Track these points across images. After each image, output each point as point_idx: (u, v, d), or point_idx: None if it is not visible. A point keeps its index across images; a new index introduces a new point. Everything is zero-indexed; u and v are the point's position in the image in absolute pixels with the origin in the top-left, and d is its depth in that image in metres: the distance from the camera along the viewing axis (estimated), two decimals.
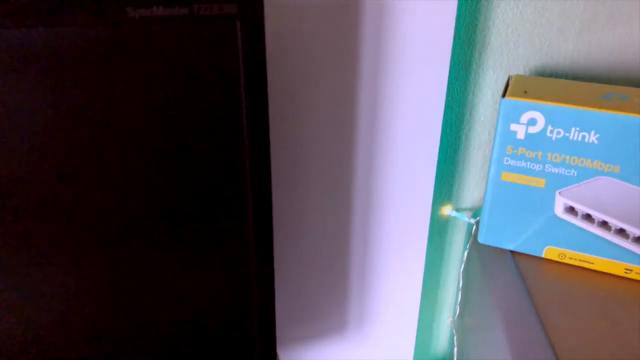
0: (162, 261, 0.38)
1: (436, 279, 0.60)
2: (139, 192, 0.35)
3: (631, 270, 0.44)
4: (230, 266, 0.40)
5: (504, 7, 0.48)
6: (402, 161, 0.50)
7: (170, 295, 0.39)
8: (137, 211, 0.36)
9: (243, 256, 0.40)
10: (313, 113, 0.47)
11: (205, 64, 0.33)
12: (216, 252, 0.39)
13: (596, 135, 0.41)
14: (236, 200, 0.38)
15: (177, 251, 0.38)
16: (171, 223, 0.37)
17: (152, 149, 0.35)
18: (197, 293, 0.40)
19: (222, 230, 0.38)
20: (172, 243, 0.38)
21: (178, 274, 0.39)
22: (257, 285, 0.41)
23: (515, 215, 0.46)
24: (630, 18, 0.49)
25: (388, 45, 0.45)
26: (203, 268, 0.39)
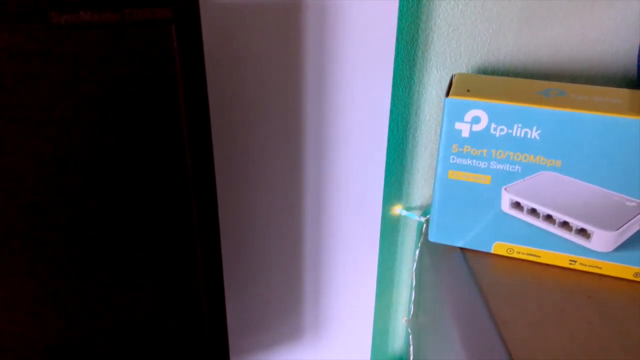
0: (107, 274, 0.36)
1: (390, 279, 0.61)
2: (77, 206, 0.33)
3: (575, 261, 0.45)
4: (178, 277, 0.38)
5: (445, 7, 0.48)
6: (350, 163, 0.50)
7: (117, 309, 0.37)
8: (78, 224, 0.34)
9: (190, 266, 0.38)
10: (257, 116, 0.46)
11: (140, 71, 0.32)
12: (162, 264, 0.37)
13: (538, 131, 0.42)
14: (179, 209, 0.36)
15: (121, 263, 0.36)
16: (112, 234, 0.35)
17: (89, 163, 0.33)
18: (145, 306, 0.38)
19: (167, 240, 0.37)
20: (116, 255, 0.36)
21: (123, 286, 0.37)
22: (207, 295, 0.40)
23: (463, 213, 0.47)
24: (565, 16, 0.50)
25: (331, 47, 0.44)
26: (149, 281, 0.38)
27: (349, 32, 0.44)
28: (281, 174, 0.49)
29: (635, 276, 0.44)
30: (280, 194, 0.49)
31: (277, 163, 0.48)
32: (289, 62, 0.44)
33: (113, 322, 0.38)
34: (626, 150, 0.40)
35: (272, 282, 0.53)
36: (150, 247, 0.37)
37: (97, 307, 0.37)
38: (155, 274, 0.38)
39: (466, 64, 0.51)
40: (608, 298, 0.43)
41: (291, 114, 0.46)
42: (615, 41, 0.52)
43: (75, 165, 0.33)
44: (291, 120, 0.47)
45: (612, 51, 0.52)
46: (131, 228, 0.36)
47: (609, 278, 0.45)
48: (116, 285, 0.37)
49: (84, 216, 0.34)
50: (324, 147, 0.48)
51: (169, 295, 0.39)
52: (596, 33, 0.51)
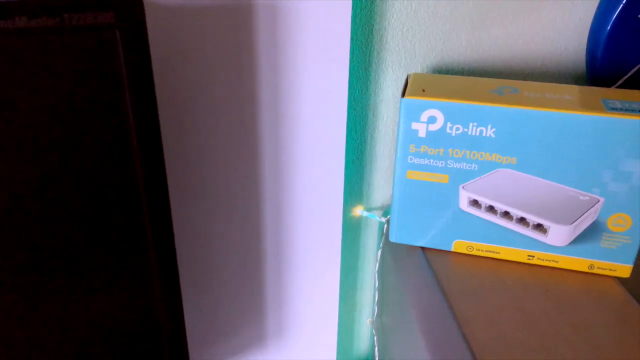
0: (60, 287, 0.35)
1: (353, 281, 0.60)
2: (28, 217, 0.32)
3: (533, 256, 0.46)
4: (132, 289, 0.37)
5: (399, 7, 0.48)
6: (309, 166, 0.49)
7: (71, 323, 0.36)
8: (30, 235, 0.32)
9: (144, 277, 0.37)
10: (210, 120, 0.45)
11: (83, 78, 0.31)
12: (115, 276, 0.36)
13: (492, 129, 0.42)
14: (132, 218, 0.35)
15: (74, 277, 0.35)
16: (62, 245, 0.34)
17: (33, 173, 0.31)
18: (100, 319, 0.37)
19: (120, 251, 0.36)
20: (69, 268, 0.34)
21: (78, 300, 0.35)
22: (164, 306, 0.39)
23: (423, 212, 0.47)
24: (516, 15, 0.51)
25: (285, 49, 0.44)
26: (103, 293, 0.36)
27: (302, 32, 0.44)
28: (237, 179, 0.48)
29: (590, 268, 0.45)
30: (237, 199, 0.49)
31: (232, 168, 0.47)
32: (241, 64, 0.43)
33: (67, 338, 0.36)
34: (578, 145, 0.41)
35: (232, 289, 0.52)
36: (100, 257, 0.35)
37: (50, 320, 0.35)
38: (109, 286, 0.36)
39: (421, 63, 0.51)
40: (565, 291, 0.43)
41: (245, 117, 0.45)
42: (565, 38, 0.53)
43: (19, 175, 0.31)
44: (246, 123, 0.46)
45: (562, 48, 0.53)
46: (82, 237, 0.34)
47: (566, 271, 0.46)
48: (70, 300, 0.35)
49: (37, 226, 0.32)
50: (280, 150, 0.48)
51: (124, 307, 0.37)
52: (546, 31, 0.52)
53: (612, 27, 0.49)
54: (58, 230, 0.33)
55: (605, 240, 0.44)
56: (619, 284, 0.45)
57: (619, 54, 0.50)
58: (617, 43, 0.49)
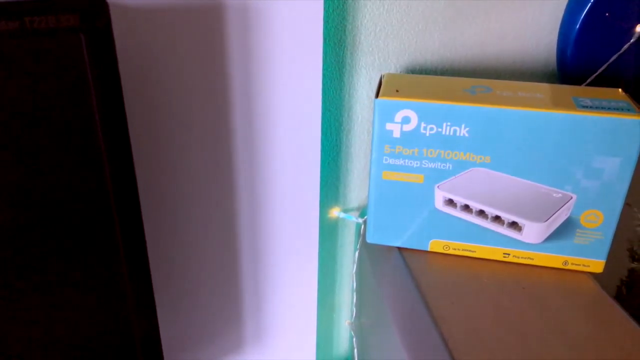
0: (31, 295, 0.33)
1: (331, 283, 0.60)
2: None
3: (509, 254, 0.46)
4: (104, 297, 0.36)
5: (371, 7, 0.48)
6: (284, 168, 0.49)
7: (45, 333, 0.35)
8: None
9: (116, 285, 0.36)
10: (182, 123, 0.44)
11: (48, 83, 0.30)
12: (86, 284, 0.35)
13: (466, 128, 0.42)
14: (101, 223, 0.34)
15: (45, 287, 0.34)
16: (33, 257, 0.33)
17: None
18: (73, 329, 0.36)
19: (90, 258, 0.35)
20: (39, 278, 0.33)
21: (50, 310, 0.34)
22: (137, 313, 0.38)
23: (399, 213, 0.47)
24: (487, 13, 0.51)
25: (257, 50, 0.43)
26: (75, 302, 0.35)
27: (274, 33, 0.43)
28: (211, 182, 0.47)
29: (564, 265, 0.46)
30: (211, 202, 0.48)
31: (205, 172, 0.46)
32: (213, 66, 0.43)
33: (39, 347, 0.35)
34: (550, 143, 0.41)
35: (209, 294, 0.52)
36: (70, 265, 0.34)
37: (23, 330, 0.34)
38: (80, 294, 0.35)
39: (395, 63, 0.51)
40: (541, 288, 0.44)
41: (218, 120, 0.45)
42: (536, 37, 0.53)
43: None
44: (218, 127, 0.45)
45: (533, 46, 0.54)
46: (51, 245, 0.33)
47: (541, 268, 0.46)
48: (42, 309, 0.34)
49: (3, 236, 0.31)
50: (255, 153, 0.47)
51: (96, 316, 0.36)
52: (517, 30, 0.53)
53: (581, 25, 0.50)
54: (26, 239, 0.32)
55: (579, 237, 0.45)
56: (592, 280, 0.45)
57: (589, 51, 0.51)
58: (587, 41, 0.50)
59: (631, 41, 0.50)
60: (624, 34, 0.50)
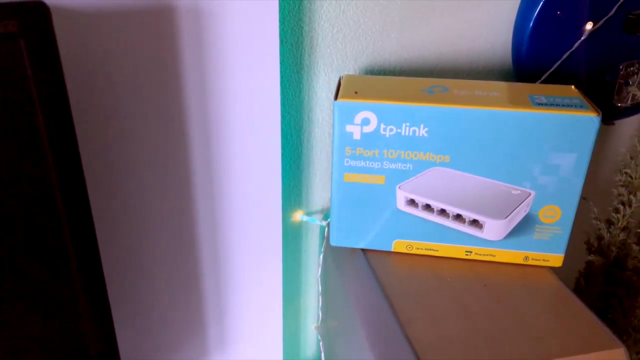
0: None
1: (296, 287, 0.59)
2: None
3: (471, 252, 0.47)
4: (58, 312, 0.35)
5: (327, 8, 0.48)
6: (244, 173, 0.48)
7: None
8: None
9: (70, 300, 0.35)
10: (136, 131, 0.43)
11: None
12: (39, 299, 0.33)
13: (425, 128, 0.42)
14: (53, 239, 0.33)
15: None
16: None
17: None
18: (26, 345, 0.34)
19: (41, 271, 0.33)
20: None
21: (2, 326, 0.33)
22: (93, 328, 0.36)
23: (362, 214, 0.46)
24: (443, 13, 0.51)
25: (211, 54, 0.42)
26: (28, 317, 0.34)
27: (228, 36, 0.42)
28: (167, 191, 0.46)
29: (525, 260, 0.46)
30: (168, 211, 0.47)
31: (160, 181, 0.45)
32: (165, 70, 0.41)
33: None
34: (507, 141, 0.42)
35: (169, 304, 0.50)
36: (22, 282, 0.33)
37: None
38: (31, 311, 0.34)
39: (353, 64, 0.51)
40: (503, 284, 0.44)
41: (173, 127, 0.44)
42: (491, 36, 0.54)
43: None
44: (174, 134, 0.44)
45: (489, 45, 0.54)
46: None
47: (503, 264, 0.47)
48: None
49: None
50: (212, 160, 0.46)
51: (49, 333, 0.35)
52: (473, 29, 0.53)
53: (534, 24, 0.50)
54: None
55: (538, 232, 0.45)
56: (552, 274, 0.46)
57: (543, 49, 0.51)
58: (540, 39, 0.51)
59: (582, 38, 0.51)
60: (575, 32, 0.51)
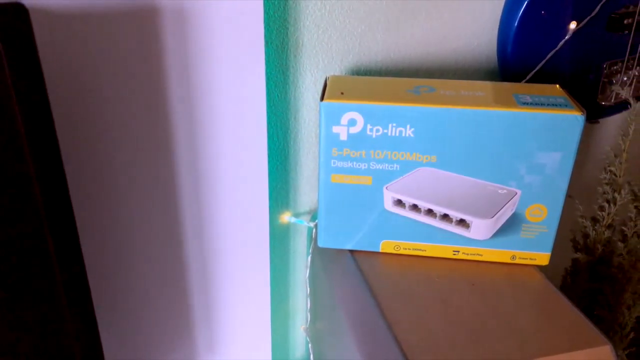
0: None
1: (285, 289, 0.59)
2: None
3: (458, 251, 0.47)
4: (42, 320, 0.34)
5: (312, 8, 0.47)
6: (231, 176, 0.47)
7: None
8: None
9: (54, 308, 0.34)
10: (122, 136, 0.42)
11: None
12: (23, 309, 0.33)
13: (412, 129, 0.42)
14: (35, 245, 0.32)
15: None
16: None
17: None
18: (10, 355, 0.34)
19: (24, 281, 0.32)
20: None
21: None
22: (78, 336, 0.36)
23: (349, 215, 0.46)
24: (429, 13, 0.51)
25: (196, 56, 0.42)
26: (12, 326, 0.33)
27: (213, 38, 0.42)
28: (153, 195, 0.45)
29: (512, 259, 0.46)
30: (156, 216, 0.46)
31: (147, 185, 0.45)
32: (149, 73, 0.41)
33: None
34: (493, 140, 0.42)
35: (157, 309, 0.50)
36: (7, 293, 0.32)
37: None
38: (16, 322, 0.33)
39: (339, 65, 0.51)
40: (490, 283, 0.44)
41: (157, 130, 0.43)
42: (477, 35, 0.54)
43: None
44: (158, 137, 0.43)
45: (474, 45, 0.55)
46: None
47: (490, 264, 0.47)
48: None
49: None
50: (198, 162, 0.46)
51: (34, 341, 0.34)
52: (458, 28, 0.53)
53: (519, 23, 0.51)
54: None
55: (525, 231, 0.45)
56: (539, 272, 0.46)
57: (527, 48, 0.52)
58: (525, 38, 0.51)
59: (566, 38, 0.51)
60: (559, 31, 0.51)
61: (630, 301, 0.55)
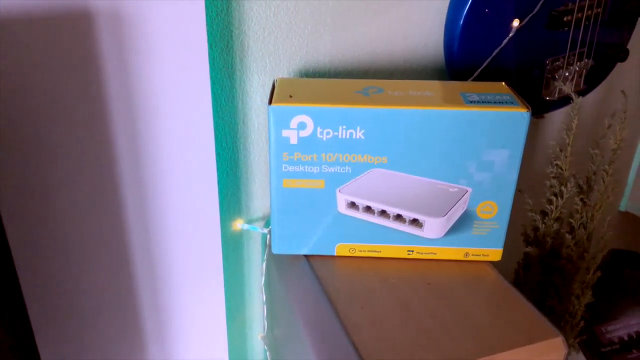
0: None
1: (240, 297, 0.58)
2: None
3: (413, 251, 0.47)
4: None
5: (257, 10, 0.46)
6: (178, 184, 0.46)
7: None
8: None
9: None
10: (59, 147, 0.40)
11: None
12: None
13: (362, 130, 0.42)
14: None
15: None
16: None
17: None
18: None
19: None
20: None
21: None
22: None
23: (303, 220, 0.45)
24: (375, 13, 0.51)
25: (136, 63, 0.40)
26: None
27: (153, 43, 0.40)
28: (96, 207, 0.43)
29: (465, 256, 0.47)
30: (99, 228, 0.44)
31: (89, 197, 0.43)
32: (87, 81, 0.39)
33: None
34: (442, 140, 0.42)
35: (106, 327, 0.48)
36: None
37: None
38: None
39: (287, 67, 0.50)
40: (445, 281, 0.45)
41: (97, 140, 0.41)
42: (424, 34, 0.54)
43: None
44: (98, 148, 0.41)
45: (422, 44, 0.55)
46: None
47: (444, 262, 0.47)
48: None
49: None
50: (144, 171, 0.44)
51: None
52: (405, 28, 0.53)
53: (464, 22, 0.51)
54: None
55: (477, 228, 0.46)
56: (492, 268, 0.47)
57: (473, 47, 0.52)
58: (470, 37, 0.52)
59: (510, 35, 0.52)
60: (503, 29, 0.52)
61: (579, 290, 0.57)
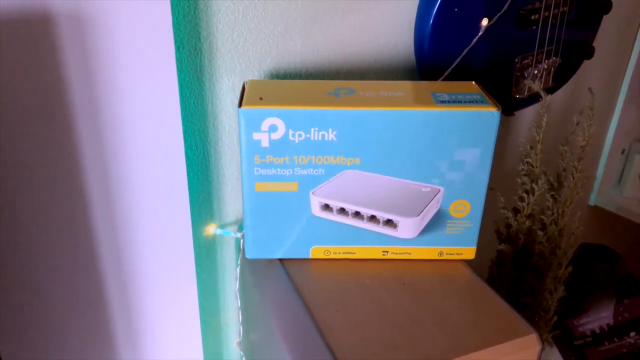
0: None
1: (214, 303, 0.57)
2: None
3: (387, 252, 0.47)
4: None
5: (225, 11, 0.46)
6: (147, 190, 0.45)
7: None
8: None
9: None
10: (21, 161, 0.39)
11: None
12: None
13: (334, 132, 0.42)
14: None
15: None
16: None
17: None
18: None
19: None
20: None
21: None
22: None
23: (276, 224, 0.45)
24: (345, 13, 0.51)
25: (99, 67, 0.39)
26: None
27: (118, 46, 0.39)
28: (63, 217, 0.42)
29: (440, 255, 0.47)
30: (68, 245, 0.43)
31: (56, 206, 0.41)
32: (47, 88, 0.38)
33: None
34: (414, 140, 0.42)
35: (75, 339, 0.46)
36: None
37: None
38: None
39: (257, 68, 0.49)
40: (420, 281, 0.45)
41: (61, 150, 0.40)
42: (394, 34, 0.54)
43: None
44: (63, 157, 0.40)
45: (392, 44, 0.55)
46: None
47: (419, 262, 0.47)
48: None
49: None
50: (111, 177, 0.43)
51: None
52: (375, 28, 0.53)
53: (433, 22, 0.51)
54: None
55: (450, 227, 0.46)
56: (466, 267, 0.47)
57: (443, 46, 0.52)
58: (440, 36, 0.52)
59: (479, 34, 0.52)
60: (472, 28, 0.53)
61: (552, 286, 0.58)
